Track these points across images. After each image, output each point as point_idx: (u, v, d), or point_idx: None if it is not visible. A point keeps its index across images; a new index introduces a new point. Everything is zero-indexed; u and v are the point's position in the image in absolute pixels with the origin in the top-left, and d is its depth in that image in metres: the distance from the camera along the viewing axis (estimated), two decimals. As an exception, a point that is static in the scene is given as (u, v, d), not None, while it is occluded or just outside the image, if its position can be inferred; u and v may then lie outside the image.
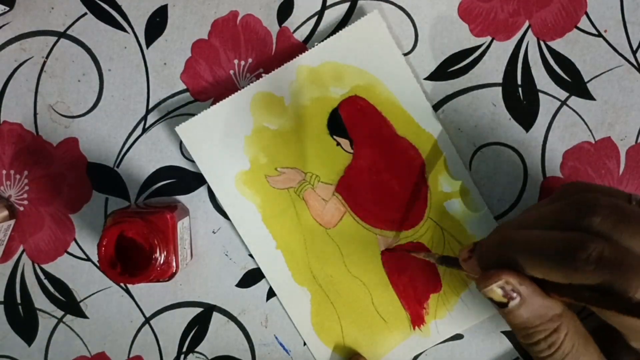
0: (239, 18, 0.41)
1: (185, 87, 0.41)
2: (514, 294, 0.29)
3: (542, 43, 0.40)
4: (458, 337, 0.41)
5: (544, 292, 0.29)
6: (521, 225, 0.31)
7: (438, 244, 0.41)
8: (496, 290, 0.29)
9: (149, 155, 0.41)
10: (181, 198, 0.42)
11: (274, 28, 0.41)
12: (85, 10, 0.41)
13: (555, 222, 0.29)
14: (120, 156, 0.42)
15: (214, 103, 0.41)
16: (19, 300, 0.42)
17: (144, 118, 0.41)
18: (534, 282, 0.29)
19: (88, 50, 0.41)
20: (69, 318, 0.42)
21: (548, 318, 0.29)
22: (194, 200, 0.42)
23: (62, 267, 0.42)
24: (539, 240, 0.28)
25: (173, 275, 0.38)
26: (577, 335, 0.30)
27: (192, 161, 0.41)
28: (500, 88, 0.40)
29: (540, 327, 0.29)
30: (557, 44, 0.40)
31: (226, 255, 0.42)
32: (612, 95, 0.40)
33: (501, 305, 0.30)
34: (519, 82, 0.40)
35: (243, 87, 0.40)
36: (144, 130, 0.41)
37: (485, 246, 0.32)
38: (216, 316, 0.42)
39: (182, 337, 0.42)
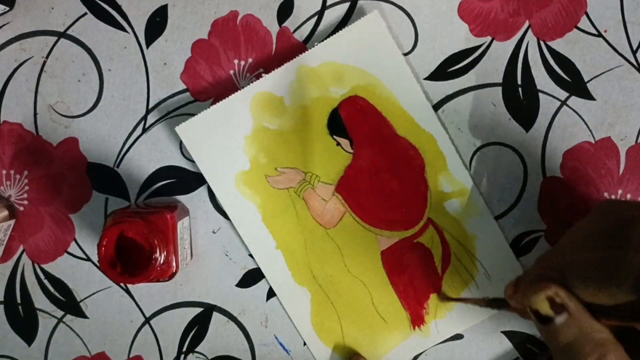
0: (239, 18, 0.41)
1: (185, 87, 0.41)
2: (562, 310, 0.28)
3: (542, 43, 0.40)
4: (458, 337, 0.41)
5: (591, 314, 0.28)
6: (561, 251, 0.31)
7: (437, 244, 0.41)
8: (544, 302, 0.28)
9: (149, 155, 0.41)
10: (181, 198, 0.42)
11: (274, 28, 0.41)
12: (85, 10, 0.41)
13: (596, 242, 0.29)
14: (120, 156, 0.42)
15: (214, 103, 0.41)
16: (19, 300, 0.42)
17: (144, 118, 0.41)
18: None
19: (88, 50, 0.41)
20: (69, 318, 0.42)
21: (596, 341, 0.28)
22: (194, 200, 0.42)
23: (62, 267, 0.42)
24: (582, 261, 0.28)
25: (173, 275, 0.38)
26: None
27: (192, 161, 0.41)
28: (500, 88, 0.40)
29: (587, 349, 0.27)
30: (557, 44, 0.40)
31: (226, 255, 0.42)
32: (612, 95, 0.40)
33: (546, 322, 0.28)
34: (519, 82, 0.40)
35: (243, 87, 0.40)
36: (144, 130, 0.41)
37: (529, 275, 0.31)
38: (216, 316, 0.42)
39: (182, 337, 0.42)
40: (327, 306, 0.41)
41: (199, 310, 0.42)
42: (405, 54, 0.40)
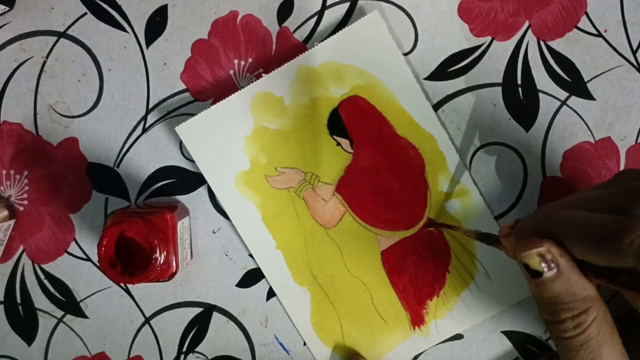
0: (239, 18, 0.41)
1: (185, 87, 0.41)
2: (552, 265, 0.28)
3: (542, 43, 0.40)
4: (458, 337, 0.41)
5: (580, 272, 0.28)
6: (565, 206, 0.30)
7: (437, 244, 0.41)
8: (535, 257, 0.28)
9: (149, 155, 0.41)
10: (181, 198, 0.42)
11: (274, 28, 0.41)
12: (85, 10, 0.41)
13: (602, 206, 0.28)
14: (120, 156, 0.42)
15: (214, 103, 0.41)
16: (19, 300, 0.42)
17: (144, 118, 0.41)
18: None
19: (88, 50, 0.41)
20: (69, 318, 0.42)
21: (580, 297, 0.28)
22: (194, 200, 0.42)
23: (62, 267, 0.42)
24: (582, 220, 0.28)
25: (173, 275, 0.38)
26: (605, 323, 0.29)
27: (192, 161, 0.41)
28: (500, 88, 0.40)
29: (571, 305, 0.28)
30: (557, 44, 0.40)
31: (226, 255, 0.42)
32: (612, 95, 0.40)
33: (535, 275, 0.29)
34: (519, 82, 0.40)
35: (243, 87, 0.40)
36: (144, 130, 0.41)
37: (526, 222, 0.31)
38: (216, 316, 0.42)
39: (182, 337, 0.42)
40: (327, 306, 0.41)
41: (199, 310, 0.42)
42: (405, 54, 0.40)
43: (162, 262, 0.36)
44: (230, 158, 0.40)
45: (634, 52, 0.40)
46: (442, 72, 0.40)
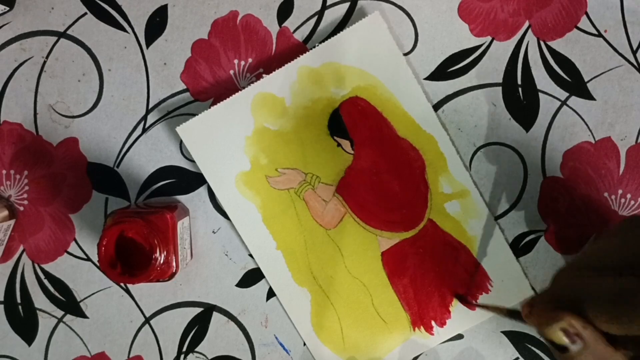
0: (239, 18, 0.41)
1: (185, 87, 0.41)
2: (576, 338, 0.27)
3: (542, 43, 0.40)
4: (458, 337, 0.41)
5: (608, 342, 0.28)
6: (577, 271, 0.30)
7: (438, 245, 0.41)
8: (558, 332, 0.28)
9: (149, 155, 0.41)
10: (181, 198, 0.42)
11: (274, 28, 0.41)
12: (85, 10, 0.41)
13: (615, 268, 0.28)
14: (120, 156, 0.42)
15: (214, 103, 0.41)
16: (19, 300, 0.42)
17: (144, 118, 0.41)
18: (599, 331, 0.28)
19: (88, 50, 0.41)
20: (69, 318, 0.42)
21: None
22: (194, 200, 0.42)
23: (62, 267, 0.42)
24: (597, 289, 0.27)
25: (173, 275, 0.38)
26: None
27: (192, 161, 0.41)
28: (500, 88, 0.40)
29: None
30: (557, 44, 0.40)
31: (226, 255, 0.42)
32: (612, 95, 0.40)
33: (562, 350, 0.28)
34: (519, 82, 0.40)
35: (243, 87, 0.40)
36: (144, 130, 0.41)
37: (545, 297, 0.30)
38: (216, 316, 0.42)
39: (182, 337, 0.42)
40: (327, 307, 0.41)
41: (199, 310, 0.42)
42: (406, 54, 0.40)
43: (162, 262, 0.36)
44: (231, 158, 0.40)
45: (634, 52, 0.40)
46: (442, 72, 0.40)
